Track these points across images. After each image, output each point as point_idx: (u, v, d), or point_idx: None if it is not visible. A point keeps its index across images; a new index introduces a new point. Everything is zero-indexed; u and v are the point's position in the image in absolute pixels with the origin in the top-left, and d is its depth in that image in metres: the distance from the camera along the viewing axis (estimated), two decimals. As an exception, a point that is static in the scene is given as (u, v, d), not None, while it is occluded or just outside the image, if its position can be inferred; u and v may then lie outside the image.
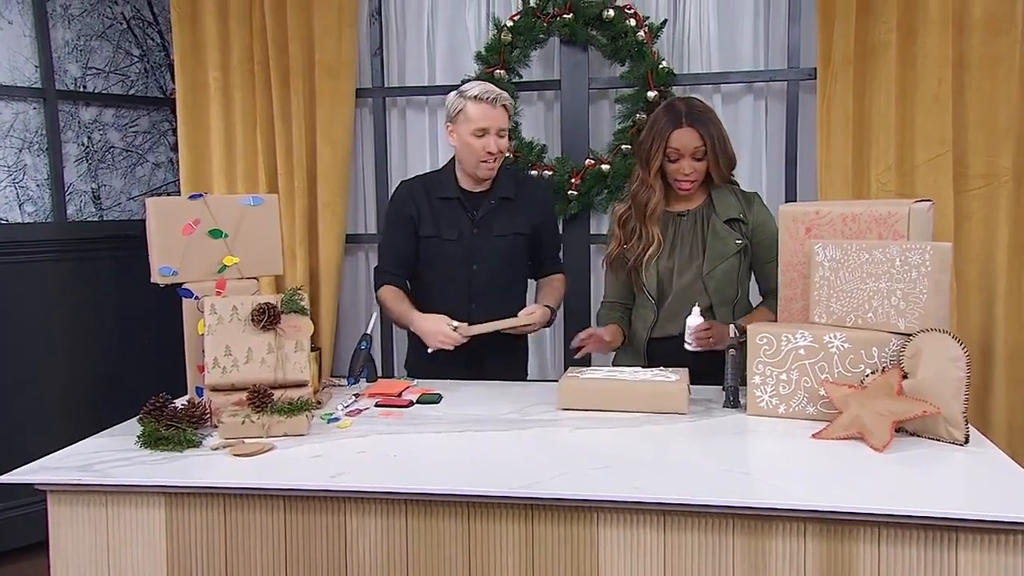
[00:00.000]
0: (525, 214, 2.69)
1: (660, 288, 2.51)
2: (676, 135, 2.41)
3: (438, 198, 2.67)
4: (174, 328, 2.24)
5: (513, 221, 2.67)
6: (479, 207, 2.66)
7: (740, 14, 3.37)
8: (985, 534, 1.54)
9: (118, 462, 1.88)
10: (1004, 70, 2.99)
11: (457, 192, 2.66)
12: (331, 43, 3.43)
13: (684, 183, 2.46)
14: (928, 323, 1.93)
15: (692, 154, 2.42)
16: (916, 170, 3.03)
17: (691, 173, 2.44)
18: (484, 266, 2.66)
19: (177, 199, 2.37)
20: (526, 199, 2.71)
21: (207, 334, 2.15)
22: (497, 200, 2.66)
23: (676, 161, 2.44)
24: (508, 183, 2.68)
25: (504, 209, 2.67)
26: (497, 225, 2.66)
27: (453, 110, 2.58)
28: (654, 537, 1.66)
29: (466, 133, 2.55)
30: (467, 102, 2.54)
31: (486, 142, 2.53)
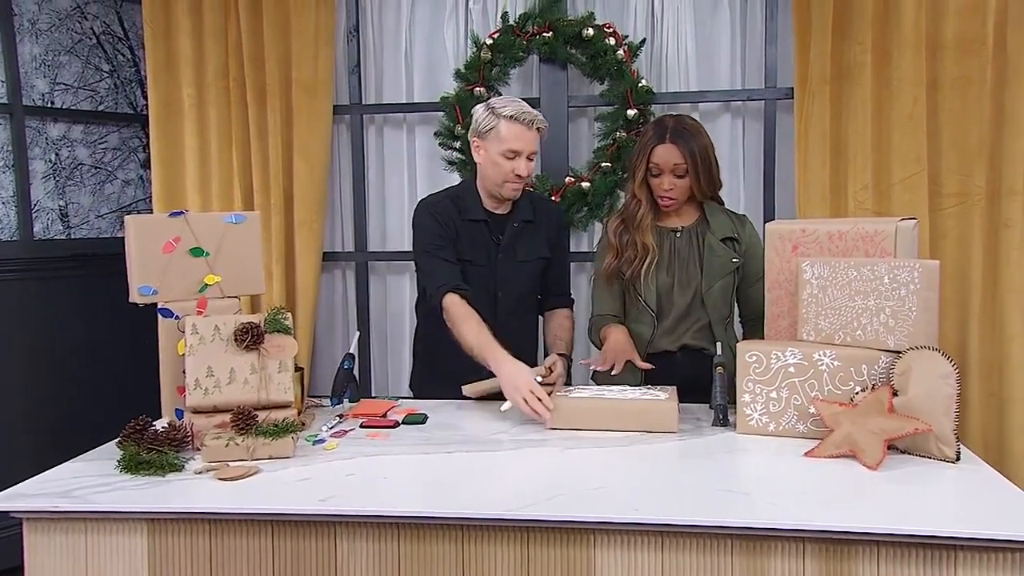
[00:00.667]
0: (544, 237, 2.63)
1: (659, 303, 2.51)
2: (658, 150, 2.43)
3: (466, 220, 2.55)
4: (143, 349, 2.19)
5: (535, 245, 2.61)
6: (504, 231, 2.57)
7: (717, 34, 3.40)
8: (983, 552, 1.54)
9: (98, 488, 1.82)
10: (975, 90, 3.03)
11: (484, 215, 2.56)
12: (308, 60, 3.40)
13: (665, 199, 2.48)
14: (917, 340, 1.94)
15: (672, 170, 2.44)
16: (892, 189, 3.06)
17: (671, 189, 2.45)
18: (508, 293, 2.58)
19: (157, 216, 2.33)
20: (544, 221, 2.64)
21: (188, 354, 2.10)
22: (520, 223, 2.58)
23: (658, 176, 2.46)
24: (527, 205, 2.61)
25: (526, 233, 2.59)
26: (521, 250, 2.58)
27: (484, 126, 2.45)
28: (652, 559, 1.64)
29: (495, 152, 2.44)
30: (501, 121, 2.42)
31: (516, 164, 2.43)
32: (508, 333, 2.52)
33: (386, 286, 3.69)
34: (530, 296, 2.67)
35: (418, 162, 3.60)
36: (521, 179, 2.46)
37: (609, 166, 3.25)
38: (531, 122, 2.42)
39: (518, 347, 2.58)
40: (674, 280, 2.50)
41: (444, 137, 3.35)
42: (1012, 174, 3.01)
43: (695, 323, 2.49)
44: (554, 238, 2.66)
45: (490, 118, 2.45)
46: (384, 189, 3.64)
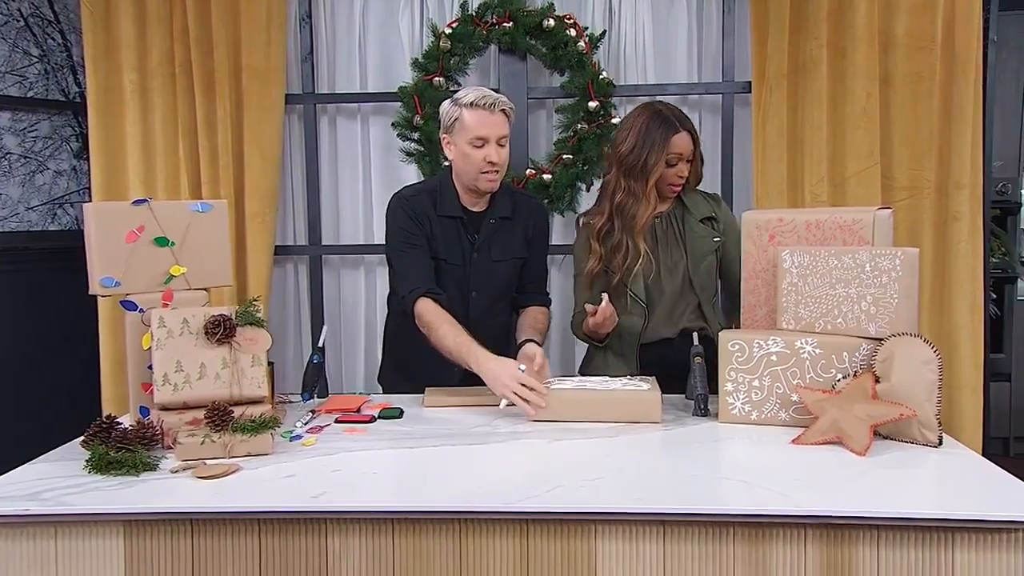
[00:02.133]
0: (522, 235, 2.56)
1: (648, 293, 2.49)
2: (675, 140, 2.44)
3: (441, 216, 2.48)
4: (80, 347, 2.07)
5: (512, 244, 2.53)
6: (479, 229, 2.50)
7: (674, 27, 3.41)
8: (980, 534, 1.56)
9: (69, 489, 1.72)
10: (925, 86, 3.11)
11: (460, 211, 2.48)
12: (259, 47, 3.29)
13: (676, 185, 2.50)
14: (899, 327, 1.97)
15: (687, 157, 2.47)
16: (847, 182, 3.12)
17: (685, 175, 2.50)
18: (482, 293, 2.51)
19: (120, 204, 2.21)
20: (523, 218, 2.56)
21: (155, 348, 2.00)
22: (497, 220, 2.50)
23: (675, 165, 2.46)
24: (505, 201, 2.53)
25: (503, 230, 2.51)
26: (496, 249, 2.50)
27: (448, 120, 2.40)
28: (654, 548, 1.62)
29: (463, 143, 2.37)
30: (462, 110, 2.36)
31: (487, 152, 2.36)
32: (482, 334, 2.45)
33: (340, 280, 3.60)
34: (506, 297, 2.60)
35: (373, 153, 3.52)
36: (494, 166, 2.39)
37: (571, 158, 3.23)
38: (493, 105, 2.35)
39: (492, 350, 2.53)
40: (660, 267, 2.49)
41: (402, 128, 3.29)
42: (960, 168, 3.10)
43: (687, 306, 2.50)
44: (532, 235, 2.58)
45: (453, 110, 2.39)
46: (337, 181, 3.55)
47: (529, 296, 2.64)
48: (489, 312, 2.55)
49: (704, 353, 2.25)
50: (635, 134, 2.45)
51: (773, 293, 2.22)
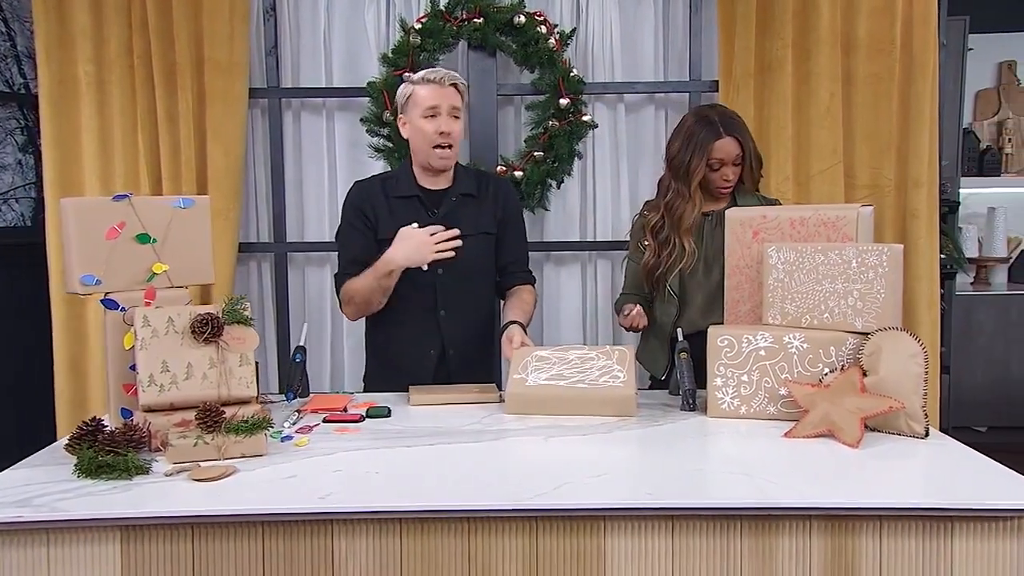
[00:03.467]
0: (490, 211, 2.55)
1: (684, 286, 2.54)
2: (718, 145, 2.47)
3: (395, 197, 2.49)
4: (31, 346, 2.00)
5: (479, 219, 2.52)
6: (440, 205, 2.50)
7: (641, 25, 3.43)
8: (977, 522, 1.60)
9: (62, 494, 1.66)
10: (885, 87, 3.20)
11: (416, 190, 2.49)
12: (223, 39, 3.21)
13: (726, 187, 2.54)
14: (885, 322, 2.02)
15: (732, 161, 2.50)
16: (811, 180, 3.19)
17: (732, 178, 2.53)
18: (449, 270, 2.45)
19: (99, 199, 2.14)
20: (490, 195, 2.56)
21: (140, 349, 1.94)
22: (459, 197, 2.50)
23: (718, 169, 2.50)
24: (469, 180, 2.54)
25: (467, 206, 2.51)
26: (462, 224, 2.42)
27: (402, 98, 2.46)
28: (662, 543, 1.63)
29: (417, 117, 2.41)
30: (414, 86, 2.43)
31: (437, 123, 2.39)
32: (452, 310, 2.51)
33: (304, 278, 3.54)
34: (478, 274, 2.57)
35: (338, 149, 3.47)
36: (447, 138, 2.41)
37: (541, 155, 3.23)
38: (443, 79, 2.41)
39: (466, 330, 2.55)
40: (702, 262, 2.54)
41: (371, 123, 3.25)
42: (918, 167, 3.20)
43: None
44: (503, 213, 2.58)
45: (406, 88, 2.47)
46: (302, 177, 3.48)
47: (512, 276, 2.63)
48: (459, 288, 2.52)
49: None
50: (682, 137, 2.53)
51: (757, 289, 2.26)
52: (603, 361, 2.26)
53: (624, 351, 2.29)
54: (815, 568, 1.63)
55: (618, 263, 3.48)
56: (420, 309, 2.50)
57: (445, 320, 2.52)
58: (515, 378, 2.23)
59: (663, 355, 2.57)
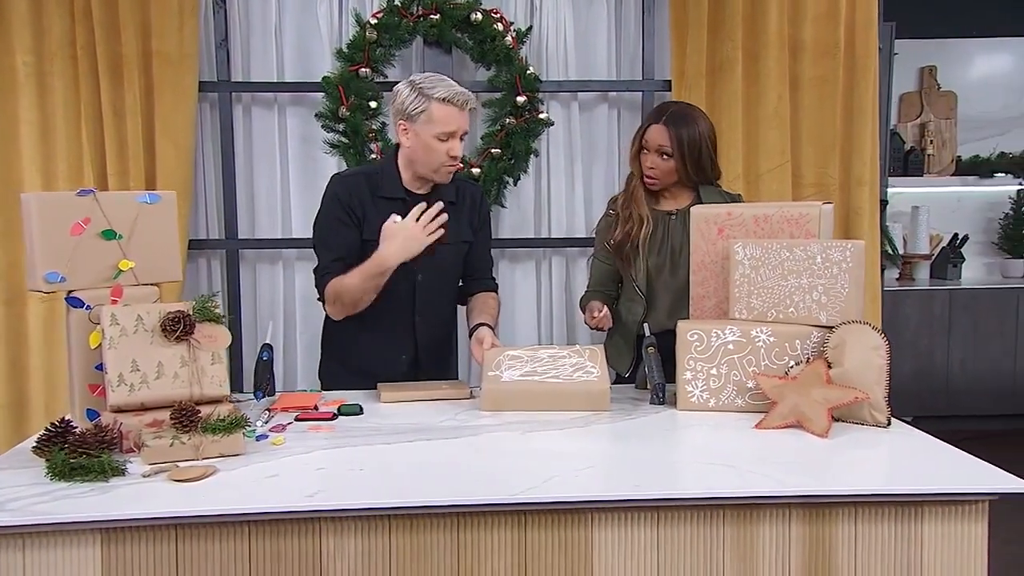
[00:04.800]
0: (468, 220, 2.55)
1: (649, 285, 2.56)
2: (649, 130, 2.53)
3: (381, 197, 2.42)
4: None
5: (458, 229, 2.50)
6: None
7: (594, 25, 3.47)
8: (946, 506, 1.67)
9: (36, 498, 1.60)
10: (829, 90, 3.31)
11: (402, 193, 2.43)
12: (172, 31, 3.14)
13: (647, 177, 2.56)
14: (849, 315, 2.08)
15: (657, 150, 2.52)
16: (761, 179, 3.28)
17: (654, 168, 2.54)
18: (428, 276, 2.46)
19: (63, 194, 2.06)
20: (467, 201, 2.55)
21: (109, 348, 1.89)
22: (444, 205, 2.43)
23: (646, 153, 2.54)
24: (450, 187, 2.50)
25: (449, 214, 2.44)
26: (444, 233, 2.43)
27: (412, 108, 2.33)
28: (648, 534, 1.66)
29: (428, 135, 2.33)
30: (432, 102, 2.30)
31: (451, 146, 2.35)
32: (427, 316, 2.51)
33: (256, 275, 3.48)
34: (452, 281, 2.59)
35: (290, 145, 3.42)
36: (456, 159, 2.39)
37: (499, 152, 3.24)
38: (465, 103, 2.33)
39: (437, 333, 2.56)
40: (666, 262, 2.56)
41: (327, 119, 3.21)
42: (860, 166, 3.32)
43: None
44: (477, 222, 2.59)
45: (420, 100, 2.32)
46: (253, 173, 3.43)
47: (477, 283, 2.64)
48: (437, 296, 2.53)
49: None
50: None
51: (721, 285, 2.31)
52: (575, 359, 2.28)
53: (595, 349, 2.32)
54: (794, 555, 1.68)
55: (572, 260, 3.53)
56: (397, 315, 2.47)
57: (420, 326, 2.51)
58: (490, 375, 2.24)
59: (628, 352, 2.62)
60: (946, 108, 5.86)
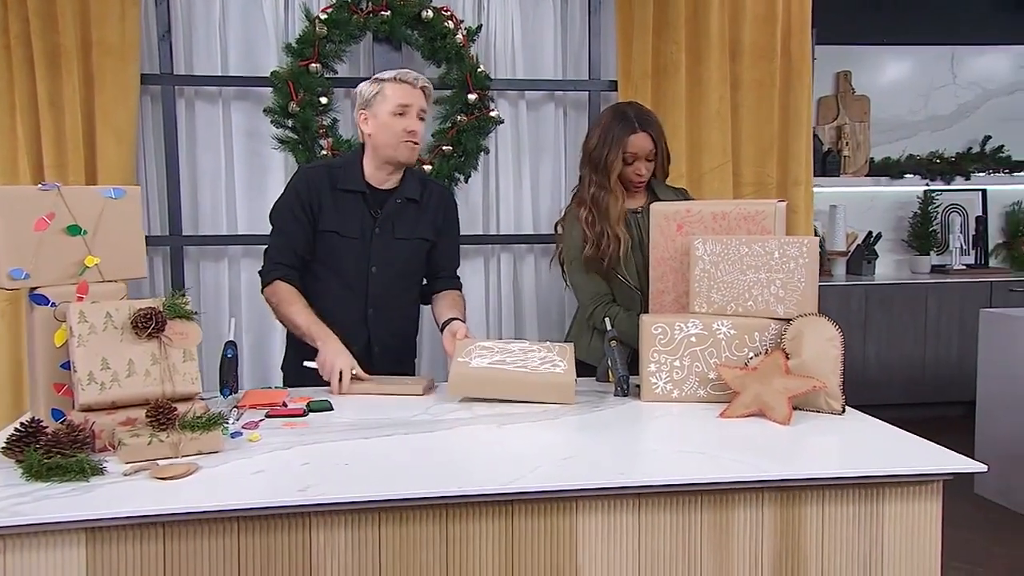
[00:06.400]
0: (430, 219, 2.59)
1: (641, 282, 2.60)
2: (632, 140, 2.56)
3: (341, 189, 2.48)
4: None
5: (418, 225, 2.56)
6: (383, 205, 2.51)
7: (541, 24, 3.52)
8: (904, 487, 1.78)
9: (16, 499, 1.56)
10: (767, 92, 3.44)
11: (363, 186, 2.49)
12: (113, 21, 3.06)
13: (639, 181, 2.62)
14: (805, 308, 2.18)
15: (646, 156, 2.58)
16: (703, 177, 3.38)
17: (645, 173, 2.61)
18: (383, 269, 2.52)
19: (26, 188, 2.01)
20: (432, 203, 2.59)
21: (78, 345, 1.84)
22: (403, 200, 2.52)
23: (632, 163, 2.58)
24: (414, 184, 2.55)
25: (408, 211, 2.54)
26: (400, 227, 2.52)
27: (369, 95, 2.43)
28: (630, 520, 1.71)
29: (385, 113, 2.41)
30: (385, 84, 2.42)
31: (407, 122, 2.41)
32: (381, 309, 2.55)
33: (200, 272, 3.42)
34: (409, 277, 2.62)
35: (235, 140, 3.37)
36: (414, 136, 2.44)
37: (450, 149, 3.26)
38: (415, 79, 2.44)
39: (392, 327, 2.58)
40: (646, 259, 2.58)
41: (276, 115, 3.18)
42: (796, 167, 3.46)
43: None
44: (441, 222, 2.63)
45: (374, 86, 2.44)
46: (196, 168, 3.36)
47: (444, 281, 2.69)
48: (390, 289, 2.56)
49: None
50: (599, 132, 2.61)
51: (680, 280, 2.39)
52: (544, 353, 2.33)
53: (565, 346, 2.38)
54: (767, 536, 1.76)
55: (520, 257, 3.57)
56: (350, 307, 2.52)
57: (373, 318, 2.55)
58: (459, 361, 2.26)
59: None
60: (860, 112, 6.11)
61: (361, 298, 2.52)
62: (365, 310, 2.53)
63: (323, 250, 2.50)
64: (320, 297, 2.49)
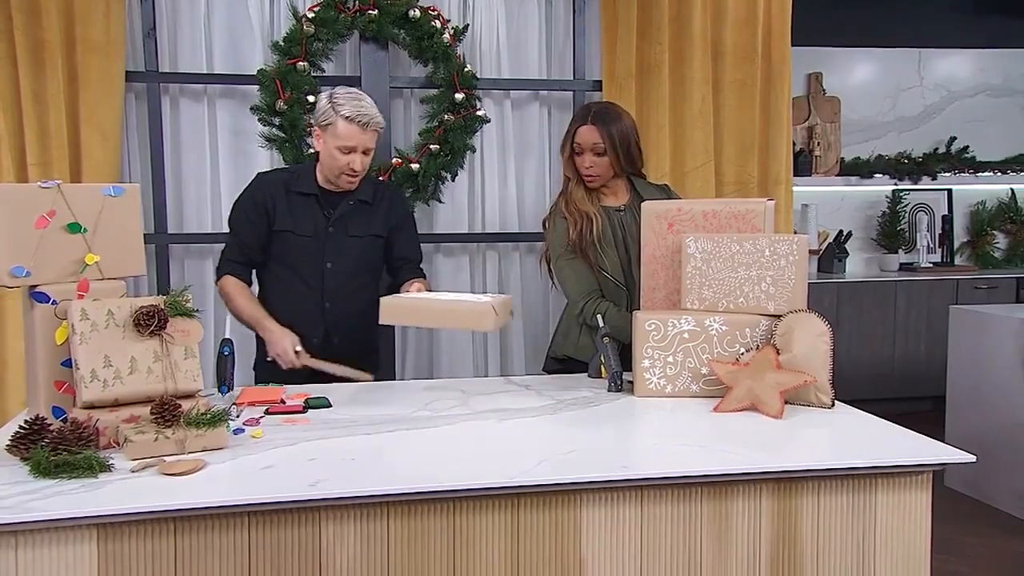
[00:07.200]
0: (382, 217, 2.68)
1: (626, 278, 2.63)
2: (580, 131, 2.60)
3: (295, 192, 2.59)
4: None
5: (370, 223, 2.65)
6: (336, 206, 2.61)
7: (526, 24, 3.55)
8: (896, 477, 1.84)
9: (28, 495, 1.56)
10: (748, 92, 3.50)
11: (315, 189, 2.59)
12: (98, 17, 3.05)
13: (587, 175, 2.64)
14: (796, 305, 2.23)
15: (592, 149, 2.60)
16: (686, 176, 3.43)
17: (592, 167, 2.62)
18: (338, 265, 2.62)
19: (27, 186, 1.99)
20: (384, 203, 2.69)
21: (80, 343, 1.84)
22: (355, 201, 2.62)
23: (580, 155, 2.62)
24: (367, 187, 2.65)
25: (361, 211, 2.63)
26: (353, 225, 2.62)
27: (322, 118, 2.49)
28: (633, 512, 1.75)
29: (332, 146, 2.49)
30: (339, 119, 2.45)
31: (351, 159, 2.49)
32: (338, 302, 2.64)
33: (184, 269, 3.40)
34: (365, 272, 2.70)
35: (220, 137, 3.36)
36: (355, 173, 2.52)
37: (437, 148, 3.28)
38: (366, 124, 2.47)
39: (350, 320, 2.67)
40: (630, 255, 2.63)
41: (263, 112, 3.18)
42: (777, 166, 3.52)
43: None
44: (394, 220, 2.72)
45: (329, 112, 2.47)
46: (181, 166, 3.35)
47: (405, 272, 2.76)
48: (346, 284, 2.65)
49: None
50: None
51: (671, 277, 2.43)
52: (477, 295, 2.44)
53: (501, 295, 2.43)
54: (764, 526, 1.81)
55: (505, 254, 3.60)
56: (308, 301, 2.62)
57: (330, 311, 2.64)
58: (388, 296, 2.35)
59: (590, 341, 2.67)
60: (831, 112, 6.20)
61: (318, 293, 2.62)
62: (322, 304, 2.63)
63: (279, 249, 2.61)
64: (280, 293, 2.63)
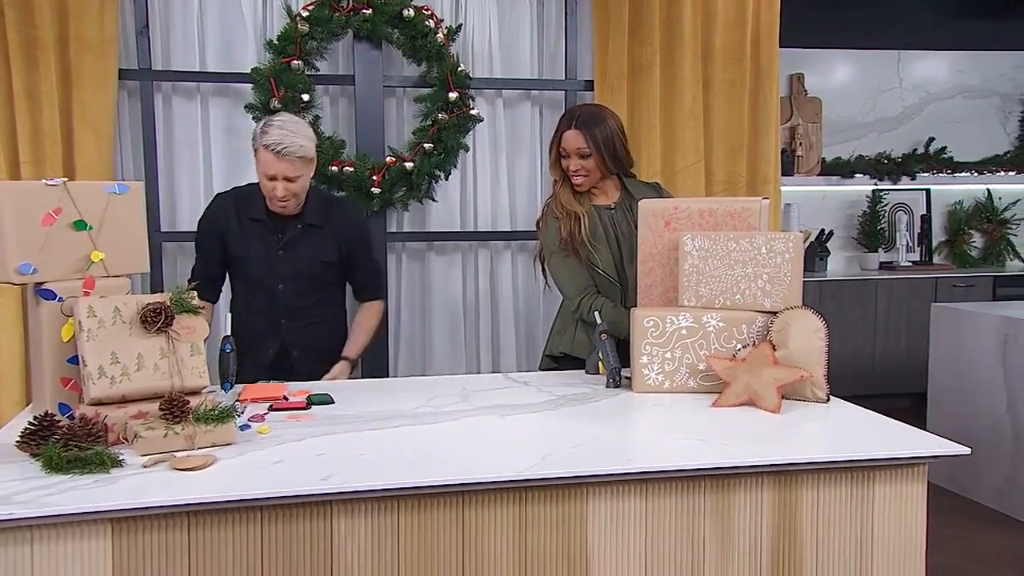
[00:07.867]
0: (334, 243, 2.71)
1: (616, 270, 2.66)
2: (565, 136, 2.64)
3: (247, 218, 2.65)
4: None
5: (320, 249, 2.69)
6: (285, 231, 2.66)
7: (518, 24, 3.58)
8: (892, 469, 1.88)
9: (42, 490, 1.57)
10: (738, 92, 3.54)
11: (263, 215, 2.64)
12: (91, 15, 3.04)
13: (575, 177, 2.66)
14: (791, 301, 2.28)
15: (576, 152, 2.63)
16: (677, 175, 3.47)
17: (579, 169, 2.65)
18: (289, 287, 2.68)
19: (33, 184, 1.98)
20: (334, 226, 2.71)
21: (87, 340, 1.85)
22: (304, 227, 2.65)
23: (566, 158, 2.65)
24: (317, 209, 2.68)
25: (311, 235, 2.67)
26: (302, 248, 2.67)
27: (253, 144, 2.53)
28: (637, 505, 1.78)
29: (258, 171, 2.53)
30: (260, 147, 2.49)
31: (274, 185, 2.52)
32: (294, 319, 2.71)
33: (177, 269, 3.40)
34: (319, 289, 2.75)
35: (213, 135, 3.36)
36: (282, 199, 2.55)
37: (431, 147, 3.30)
38: (279, 153, 2.47)
39: (308, 333, 2.75)
40: (622, 253, 2.66)
41: (257, 111, 3.19)
42: (765, 165, 3.57)
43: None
44: (349, 247, 2.75)
45: (256, 139, 2.52)
46: (173, 166, 3.35)
47: (363, 292, 2.88)
48: (300, 301, 2.72)
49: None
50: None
51: (668, 275, 2.47)
52: None
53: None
54: (766, 517, 1.84)
55: (498, 253, 3.62)
56: (264, 318, 2.71)
57: (286, 327, 2.73)
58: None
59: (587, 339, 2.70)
60: (812, 113, 6.27)
61: (273, 312, 2.70)
62: (278, 321, 2.71)
63: (235, 272, 2.72)
64: (240, 309, 2.69)
